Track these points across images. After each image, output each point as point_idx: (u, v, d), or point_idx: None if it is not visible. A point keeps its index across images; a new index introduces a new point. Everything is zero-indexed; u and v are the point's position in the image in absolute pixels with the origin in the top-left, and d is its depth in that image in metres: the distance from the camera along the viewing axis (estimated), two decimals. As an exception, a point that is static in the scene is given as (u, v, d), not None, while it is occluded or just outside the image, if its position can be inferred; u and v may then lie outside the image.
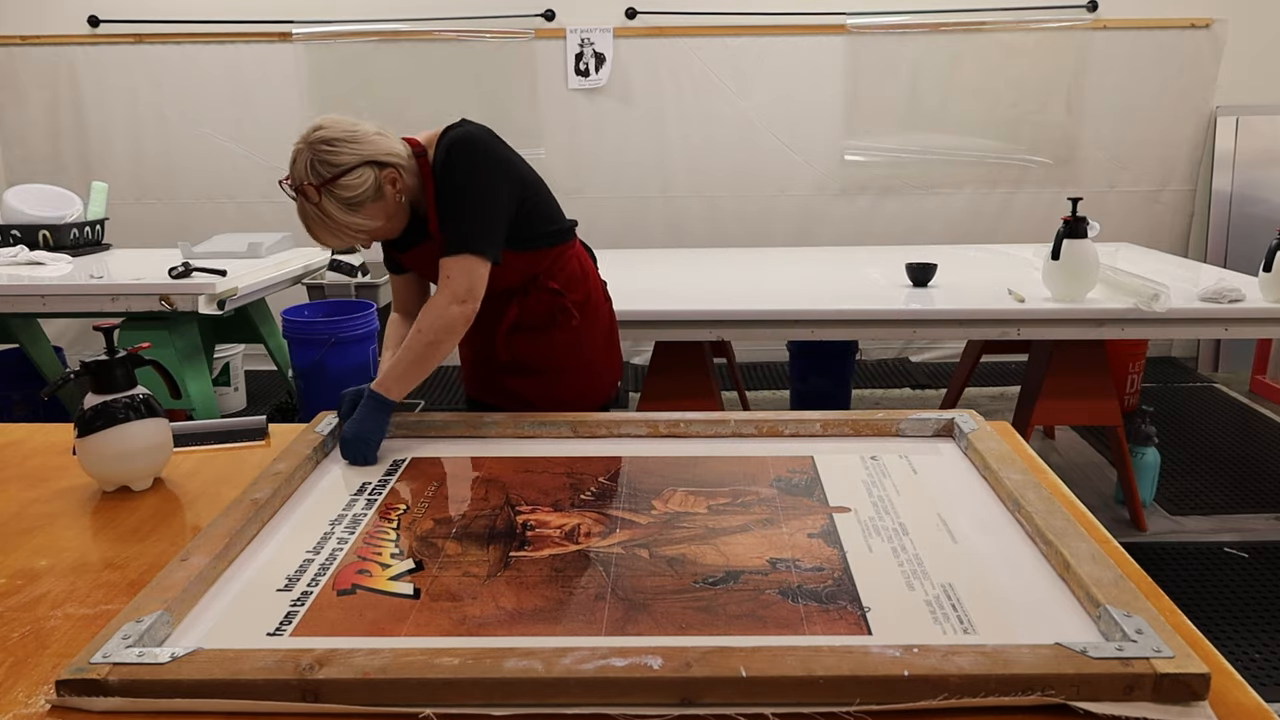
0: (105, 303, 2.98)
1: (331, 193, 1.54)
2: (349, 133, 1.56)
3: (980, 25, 4.59)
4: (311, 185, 1.53)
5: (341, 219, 1.55)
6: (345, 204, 1.55)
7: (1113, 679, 0.88)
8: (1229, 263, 4.35)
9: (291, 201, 1.59)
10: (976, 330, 2.98)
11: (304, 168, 1.54)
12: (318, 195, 1.53)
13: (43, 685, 0.95)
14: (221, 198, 4.85)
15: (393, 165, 1.59)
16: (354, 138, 1.56)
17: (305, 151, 1.54)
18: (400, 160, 1.61)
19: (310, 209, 1.55)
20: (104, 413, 1.40)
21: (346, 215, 1.55)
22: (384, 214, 1.60)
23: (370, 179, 1.56)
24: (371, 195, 1.57)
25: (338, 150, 1.54)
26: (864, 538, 1.24)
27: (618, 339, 1.99)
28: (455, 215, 1.64)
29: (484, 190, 1.65)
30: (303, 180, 1.54)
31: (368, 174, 1.55)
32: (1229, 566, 2.83)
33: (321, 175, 1.53)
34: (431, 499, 1.40)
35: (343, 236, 1.58)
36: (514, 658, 0.91)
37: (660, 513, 1.33)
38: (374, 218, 1.59)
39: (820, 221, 4.81)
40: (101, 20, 4.68)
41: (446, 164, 1.64)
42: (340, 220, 1.55)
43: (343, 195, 1.54)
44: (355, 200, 1.55)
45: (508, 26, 4.64)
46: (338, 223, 1.55)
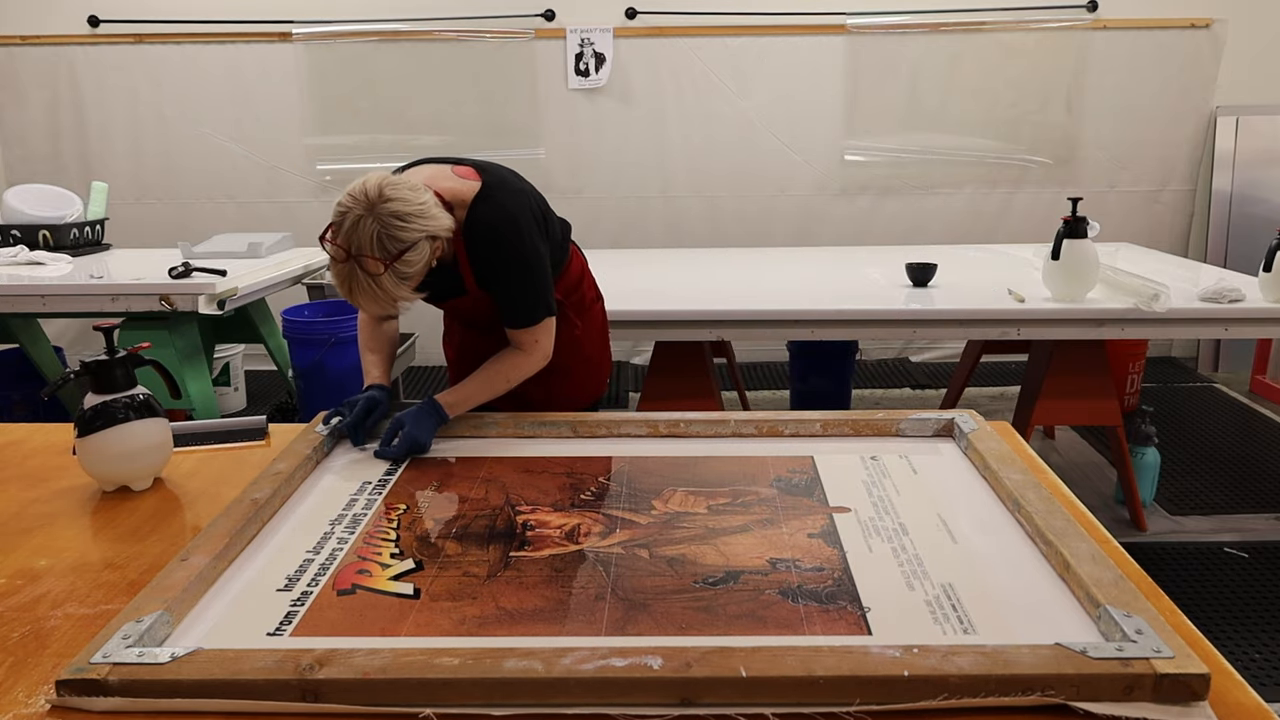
0: (105, 303, 2.98)
1: (394, 269, 1.48)
2: (418, 207, 1.50)
3: (980, 25, 4.59)
4: (375, 259, 1.46)
5: (394, 292, 1.50)
6: (402, 278, 1.49)
7: (1113, 679, 0.88)
8: (1229, 263, 4.35)
9: (291, 201, 1.59)
10: (976, 330, 2.98)
11: (369, 239, 1.46)
12: (382, 269, 1.46)
13: (43, 685, 0.95)
14: (221, 198, 4.85)
15: (444, 239, 1.57)
16: (421, 213, 1.50)
17: (370, 220, 1.46)
18: (449, 233, 1.58)
19: (363, 279, 1.47)
20: (104, 413, 1.40)
21: (399, 289, 1.50)
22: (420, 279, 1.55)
23: (427, 252, 1.52)
24: (423, 269, 1.53)
25: (408, 227, 1.48)
26: (864, 538, 1.24)
27: (608, 337, 2.00)
28: (521, 291, 1.68)
29: (533, 260, 1.68)
30: (365, 251, 1.46)
31: (425, 248, 1.51)
32: (1229, 566, 2.83)
33: (389, 251, 1.46)
34: (431, 499, 1.40)
35: (384, 306, 1.53)
36: (514, 658, 0.91)
37: (660, 513, 1.33)
38: (412, 289, 1.54)
39: (820, 221, 4.81)
40: (101, 20, 4.68)
41: (493, 245, 1.64)
42: (391, 294, 1.49)
43: (403, 271, 1.49)
44: (411, 275, 1.51)
45: (508, 26, 4.64)
46: (388, 295, 1.49)
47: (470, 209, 1.64)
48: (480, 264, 1.67)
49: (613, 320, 2.75)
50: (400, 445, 1.54)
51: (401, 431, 1.55)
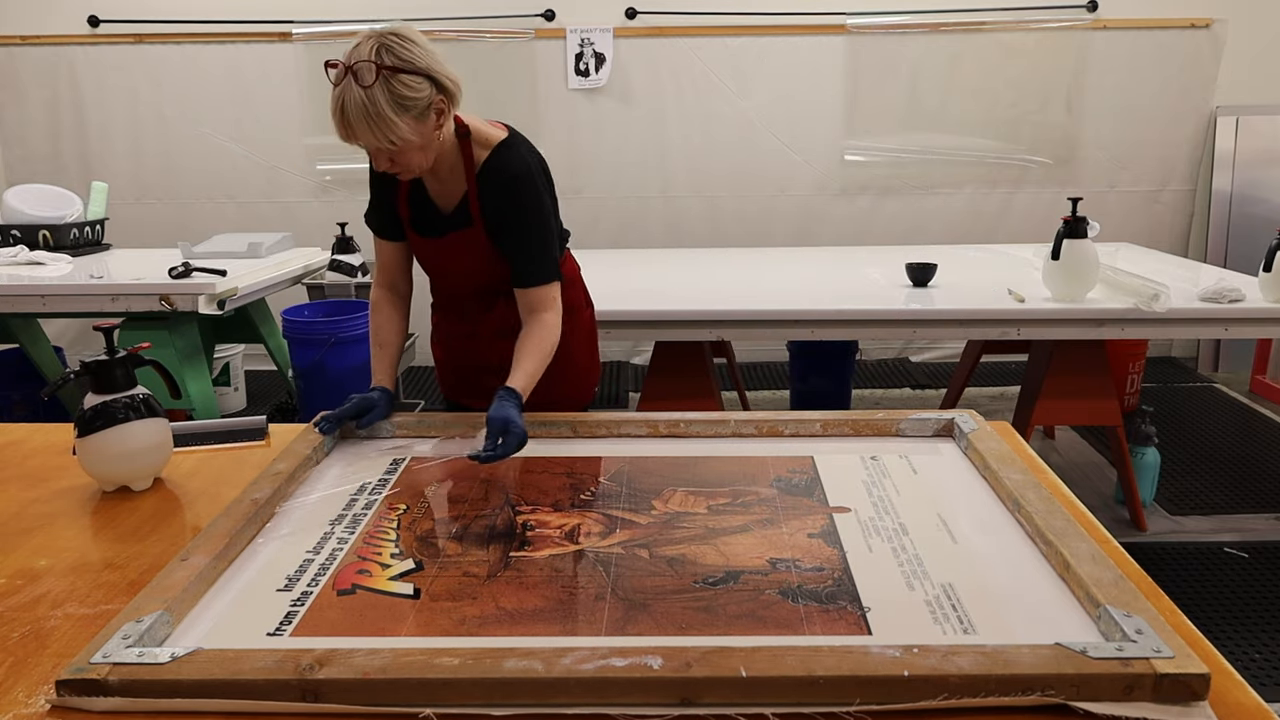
0: (105, 303, 2.98)
1: (388, 83, 1.45)
2: (422, 40, 1.50)
3: (980, 25, 4.59)
4: (371, 64, 1.44)
5: (385, 113, 1.46)
6: (396, 101, 1.46)
7: (1113, 679, 0.88)
8: (1229, 263, 4.35)
9: (291, 201, 1.59)
10: (976, 330, 2.98)
11: (369, 50, 1.45)
12: (372, 78, 1.44)
13: (43, 685, 0.95)
14: (221, 198, 4.85)
15: (449, 94, 1.54)
16: (426, 48, 1.50)
17: (373, 39, 1.46)
18: (456, 95, 1.55)
19: (357, 92, 1.45)
20: (104, 413, 1.40)
21: (391, 112, 1.46)
22: (420, 135, 1.52)
23: (427, 93, 1.49)
24: (420, 110, 1.50)
25: (409, 48, 1.47)
26: (864, 538, 1.24)
27: (597, 343, 2.00)
28: (540, 247, 1.68)
29: (549, 218, 1.69)
30: (362, 57, 1.44)
31: (426, 86, 1.49)
32: (1229, 566, 2.83)
33: (384, 60, 1.45)
34: (431, 499, 1.40)
35: (377, 134, 1.49)
36: (514, 658, 0.91)
37: (660, 513, 1.33)
38: (413, 131, 1.51)
39: (820, 221, 4.81)
40: (101, 20, 4.68)
41: (514, 193, 1.64)
42: (384, 114, 1.46)
43: (398, 90, 1.46)
44: (406, 103, 1.47)
45: (508, 26, 4.65)
46: (380, 115, 1.46)
47: (494, 151, 1.65)
48: (496, 211, 1.66)
49: (613, 320, 2.76)
50: (509, 443, 1.48)
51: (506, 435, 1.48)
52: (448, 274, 1.81)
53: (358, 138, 1.51)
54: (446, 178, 1.67)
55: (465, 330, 1.83)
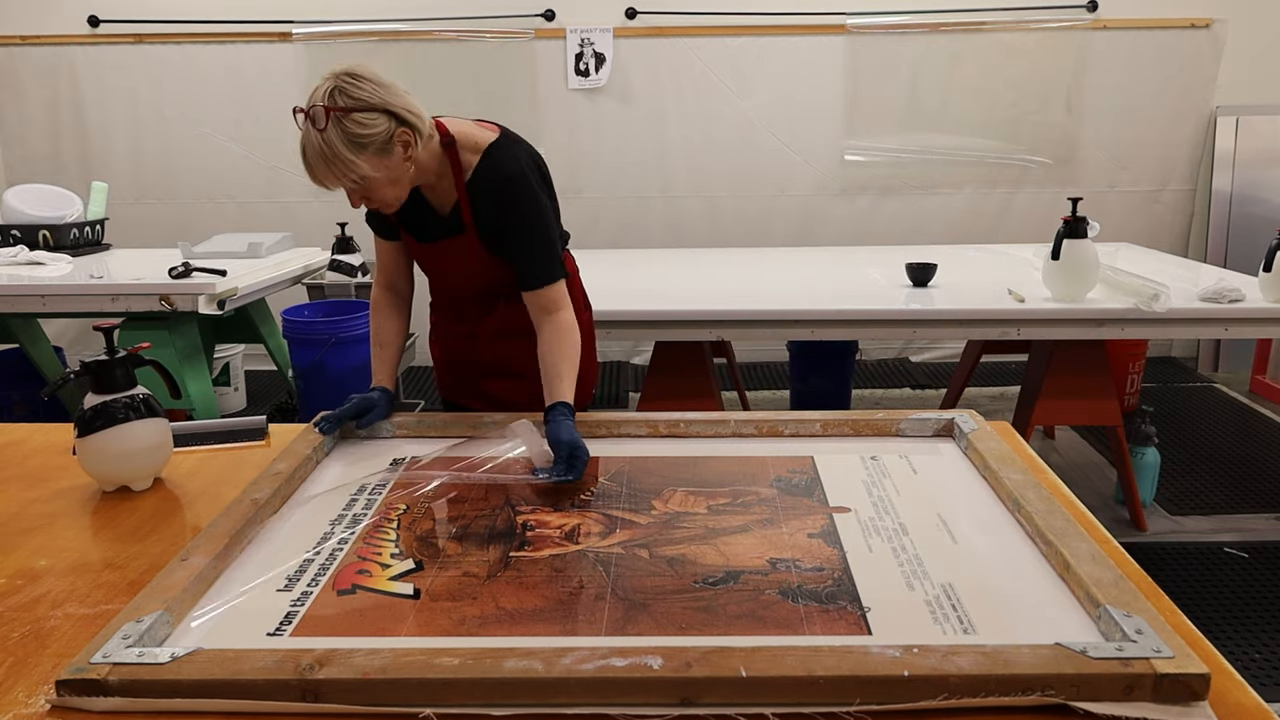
0: (105, 303, 2.98)
1: (341, 124, 1.46)
2: (376, 77, 1.52)
3: (980, 25, 4.59)
4: (323, 108, 1.46)
5: (342, 153, 1.48)
6: (350, 140, 1.48)
7: (1113, 679, 0.88)
8: (1229, 263, 4.35)
9: (291, 201, 1.59)
10: (976, 330, 2.98)
11: (322, 94, 1.48)
12: (324, 121, 1.46)
13: (43, 685, 0.95)
14: (221, 198, 4.85)
15: (410, 125, 1.54)
16: (380, 84, 1.51)
17: (330, 81, 1.49)
18: (419, 125, 1.55)
19: (314, 136, 1.48)
20: (104, 413, 1.40)
21: (347, 151, 1.48)
22: (385, 171, 1.53)
23: (384, 128, 1.50)
24: (379, 145, 1.50)
25: (361, 86, 1.49)
26: (864, 538, 1.24)
27: (595, 345, 1.99)
28: (542, 249, 1.67)
29: (547, 221, 1.68)
30: (315, 101, 1.48)
31: (383, 122, 1.50)
32: (1229, 566, 2.83)
33: (336, 102, 1.47)
34: (431, 499, 1.40)
35: (337, 174, 1.50)
36: (514, 658, 0.91)
37: (660, 513, 1.33)
38: (374, 168, 1.51)
39: (820, 221, 4.81)
40: (101, 20, 4.68)
41: (509, 197, 1.64)
42: (340, 155, 1.48)
43: (351, 130, 1.47)
44: (361, 141, 1.48)
45: (508, 26, 4.64)
46: (337, 156, 1.48)
47: (485, 155, 1.65)
48: (492, 218, 1.65)
49: (613, 320, 2.76)
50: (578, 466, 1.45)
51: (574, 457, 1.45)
52: (445, 277, 1.81)
53: (323, 180, 1.53)
54: (437, 186, 1.67)
55: (464, 331, 1.83)
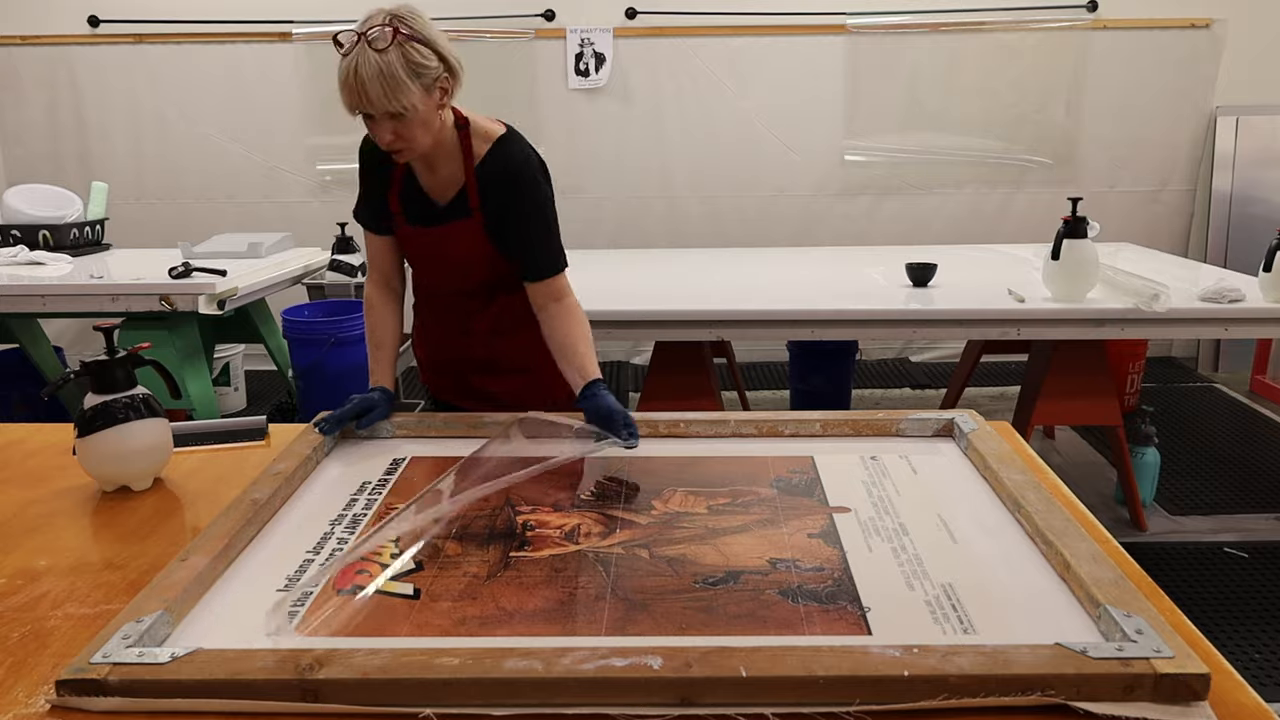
0: (105, 303, 2.98)
1: (403, 48, 1.49)
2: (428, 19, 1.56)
3: (980, 25, 4.59)
4: (390, 29, 1.48)
5: (400, 76, 1.50)
6: (410, 66, 1.51)
7: (1113, 679, 0.88)
8: (1229, 263, 4.35)
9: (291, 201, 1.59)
10: (976, 330, 2.98)
11: (382, 19, 1.50)
12: (388, 43, 1.48)
13: (43, 685, 0.95)
14: (221, 198, 4.85)
15: (452, 75, 1.58)
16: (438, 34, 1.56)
17: (384, 13, 1.52)
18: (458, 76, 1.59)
19: (371, 57, 1.49)
20: (104, 413, 1.40)
21: (405, 76, 1.50)
22: (427, 108, 1.56)
23: (436, 65, 1.54)
24: (429, 81, 1.54)
25: (419, 21, 1.53)
26: (864, 538, 1.24)
27: None
28: (547, 237, 1.70)
29: (553, 212, 1.72)
30: (375, 23, 1.50)
31: (435, 60, 1.54)
32: (1229, 566, 2.83)
33: (400, 29, 1.50)
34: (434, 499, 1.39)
35: (389, 97, 1.51)
36: (514, 658, 0.91)
37: (660, 513, 1.33)
38: (421, 102, 1.54)
39: (820, 221, 4.81)
40: (101, 20, 4.68)
41: (518, 185, 1.66)
42: (398, 77, 1.49)
43: (412, 57, 1.50)
44: (417, 70, 1.52)
45: (508, 26, 4.65)
46: (394, 79, 1.49)
47: (495, 144, 1.67)
48: (499, 206, 1.67)
49: (613, 320, 2.76)
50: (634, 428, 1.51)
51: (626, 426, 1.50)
52: (442, 266, 1.79)
53: (370, 102, 1.53)
54: (442, 169, 1.68)
55: (455, 328, 1.81)
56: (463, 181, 1.68)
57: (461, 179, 1.68)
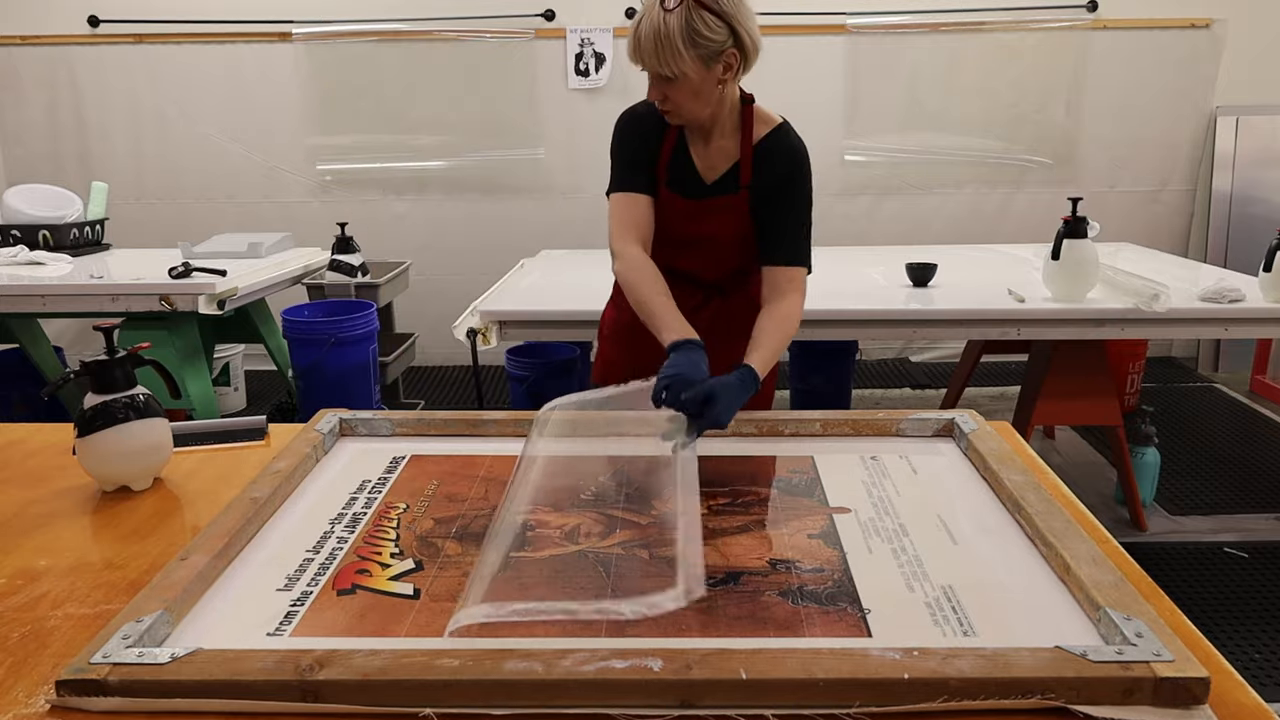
0: (105, 303, 2.99)
1: (689, 14, 1.51)
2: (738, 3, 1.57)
3: (980, 25, 4.59)
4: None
5: (674, 42, 1.52)
6: (688, 33, 1.52)
7: (1113, 683, 0.88)
8: (1229, 263, 4.35)
9: (291, 201, 1.58)
10: (976, 330, 2.98)
11: None
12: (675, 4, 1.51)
13: (43, 685, 0.95)
14: (221, 198, 4.85)
15: (743, 49, 1.59)
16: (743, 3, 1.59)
17: None
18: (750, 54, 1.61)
19: (657, 14, 1.52)
20: (104, 413, 1.40)
21: (679, 41, 1.52)
22: (700, 79, 1.57)
23: (722, 38, 1.55)
24: (710, 52, 1.55)
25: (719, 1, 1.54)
26: (864, 539, 1.24)
27: None
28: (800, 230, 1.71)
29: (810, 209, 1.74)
30: None
31: (724, 33, 1.55)
32: (1229, 566, 2.83)
33: None
34: (431, 498, 1.39)
35: (662, 59, 1.54)
36: (514, 659, 0.91)
37: (660, 513, 1.33)
38: (694, 71, 1.56)
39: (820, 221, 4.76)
40: (101, 20, 4.68)
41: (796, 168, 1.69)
42: (672, 42, 1.52)
43: (694, 25, 1.52)
44: (696, 39, 1.53)
45: (508, 26, 4.64)
46: (669, 42, 1.52)
47: (776, 129, 1.71)
48: (771, 184, 1.68)
49: (613, 320, 2.75)
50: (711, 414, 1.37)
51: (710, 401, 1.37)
52: (690, 243, 1.76)
53: (643, 58, 1.57)
54: (716, 144, 1.70)
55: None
56: (736, 158, 1.70)
57: (735, 156, 1.70)
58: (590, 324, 2.96)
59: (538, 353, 3.68)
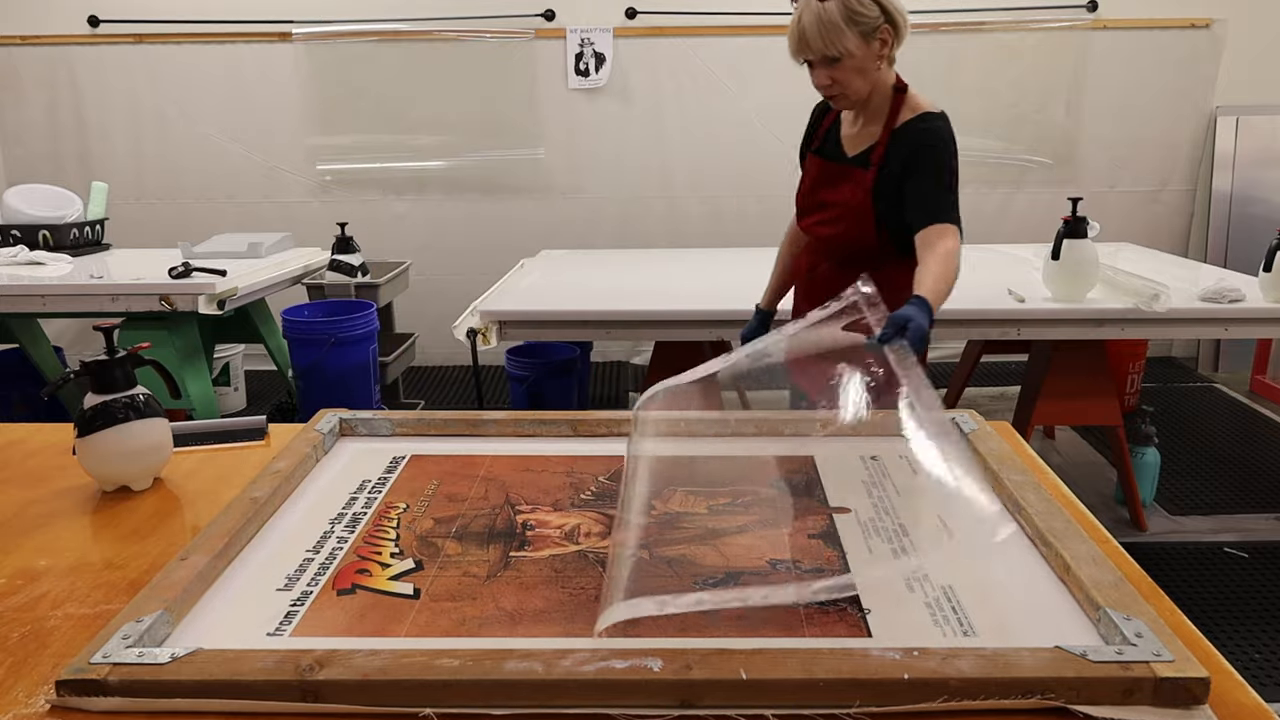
0: (105, 303, 2.99)
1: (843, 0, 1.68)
2: None
3: (980, 25, 4.59)
4: None
5: (837, 22, 1.69)
6: (848, 13, 1.69)
7: (1112, 683, 0.88)
8: (1229, 263, 4.35)
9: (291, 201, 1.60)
10: (976, 330, 2.98)
11: None
12: None
13: (43, 685, 0.95)
14: (221, 198, 4.85)
15: (894, 25, 1.74)
16: None
17: None
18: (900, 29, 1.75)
19: (814, 6, 1.69)
20: (104, 413, 1.40)
21: (841, 22, 1.69)
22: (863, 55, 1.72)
23: (876, 15, 1.71)
24: (867, 29, 1.71)
25: None
26: (864, 539, 1.24)
27: None
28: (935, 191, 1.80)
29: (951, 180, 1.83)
30: None
31: (876, 10, 1.71)
32: (1229, 566, 2.83)
33: None
34: (431, 498, 1.39)
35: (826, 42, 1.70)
36: (514, 659, 0.91)
37: (660, 513, 1.33)
38: (857, 48, 1.71)
39: (820, 221, 4.81)
40: (101, 20, 4.68)
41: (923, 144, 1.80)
42: (834, 24, 1.69)
43: (852, 5, 1.69)
44: (855, 18, 1.69)
45: (508, 26, 4.65)
46: (831, 25, 1.69)
47: (920, 115, 1.84)
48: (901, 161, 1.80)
49: (613, 320, 2.76)
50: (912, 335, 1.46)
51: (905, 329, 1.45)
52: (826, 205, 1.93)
53: (809, 47, 1.73)
54: (864, 124, 1.85)
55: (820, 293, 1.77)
56: (876, 138, 1.83)
57: (876, 136, 1.83)
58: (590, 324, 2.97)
59: (537, 353, 3.68)
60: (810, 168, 1.97)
